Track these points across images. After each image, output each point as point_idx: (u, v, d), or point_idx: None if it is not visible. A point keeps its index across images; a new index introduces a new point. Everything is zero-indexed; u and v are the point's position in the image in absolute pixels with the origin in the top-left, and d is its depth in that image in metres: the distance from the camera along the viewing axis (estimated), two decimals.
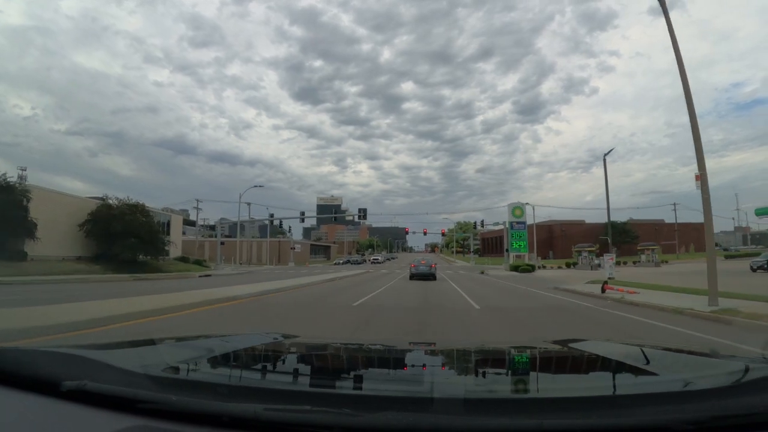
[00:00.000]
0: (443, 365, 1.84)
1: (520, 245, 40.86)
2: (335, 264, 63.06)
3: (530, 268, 33.29)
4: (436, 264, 27.25)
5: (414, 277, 26.01)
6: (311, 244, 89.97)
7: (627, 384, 1.34)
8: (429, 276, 25.86)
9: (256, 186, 45.09)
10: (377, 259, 71.07)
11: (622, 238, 79.17)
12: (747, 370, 1.30)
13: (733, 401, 0.95)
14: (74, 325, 6.88)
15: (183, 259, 44.06)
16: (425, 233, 63.42)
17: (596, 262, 43.03)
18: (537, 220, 65.94)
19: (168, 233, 45.63)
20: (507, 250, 43.43)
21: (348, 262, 65.47)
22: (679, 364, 1.64)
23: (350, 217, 40.25)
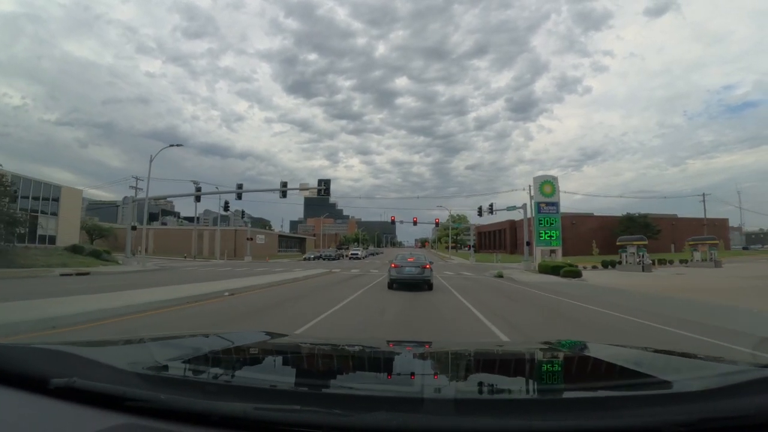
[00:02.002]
0: (434, 366, 1.76)
1: (551, 236, 28.52)
2: (304, 259, 50.36)
3: (576, 271, 21.26)
4: (431, 264, 15.11)
5: (396, 284, 14.17)
6: (279, 236, 76.47)
7: (617, 385, 1.31)
8: (421, 283, 13.97)
9: (172, 145, 32.27)
10: (356, 254, 58.42)
11: (643, 232, 68.75)
12: (736, 372, 1.33)
13: (723, 403, 0.93)
14: None
15: (75, 249, 31.14)
16: (415, 222, 51.45)
17: (648, 260, 31.72)
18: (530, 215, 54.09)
19: (53, 212, 32.75)
20: (528, 244, 31.32)
21: (320, 257, 52.88)
22: (670, 366, 1.61)
23: (306, 193, 27.99)
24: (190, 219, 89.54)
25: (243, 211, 46.77)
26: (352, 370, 1.66)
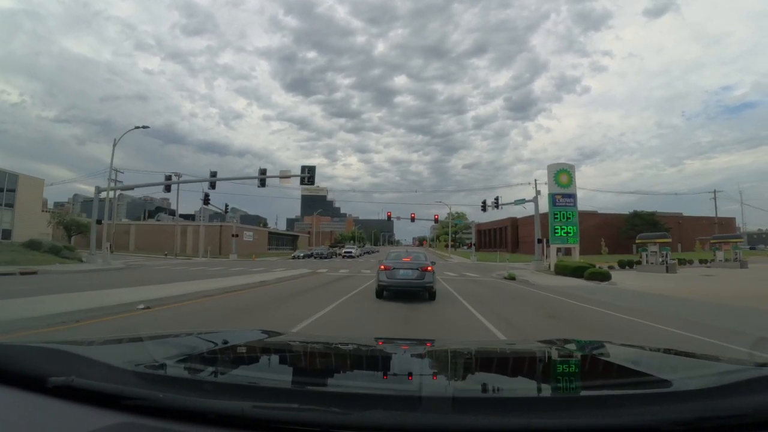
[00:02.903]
0: (433, 364, 1.75)
1: (568, 232, 25.02)
2: (292, 258, 46.65)
3: (604, 273, 17.85)
4: (433, 265, 11.15)
5: (386, 291, 10.78)
6: (269, 232, 72.49)
7: (615, 384, 1.31)
8: (419, 290, 10.50)
9: (137, 127, 28.67)
10: (350, 253, 54.84)
11: (651, 230, 65.60)
12: (734, 371, 1.32)
13: (720, 402, 0.93)
14: None
15: (32, 244, 27.67)
16: (413, 218, 48.10)
17: (672, 260, 28.57)
18: (530, 213, 50.68)
19: (8, 203, 29.28)
20: (540, 241, 27.98)
21: (310, 255, 49.31)
22: (667, 365, 1.60)
23: (289, 181, 24.44)
24: (187, 216, 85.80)
25: (227, 205, 43.08)
26: (350, 369, 1.64)
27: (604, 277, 17.51)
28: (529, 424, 0.85)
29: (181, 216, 79.68)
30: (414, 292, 10.47)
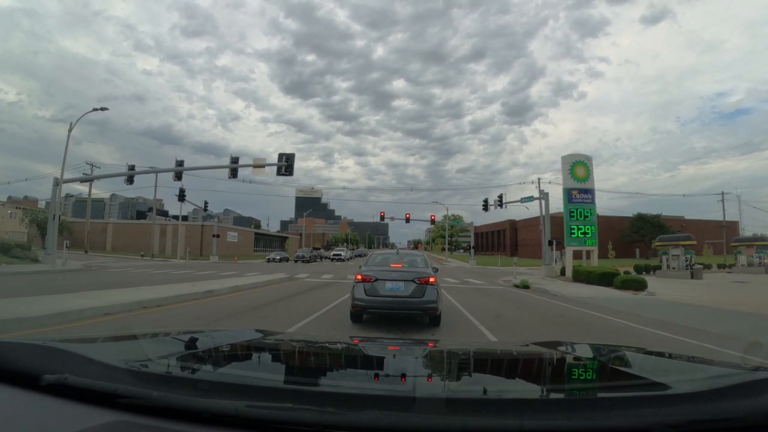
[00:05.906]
0: (428, 365, 1.72)
1: (585, 233, 21.64)
2: (267, 261, 41.41)
3: (640, 281, 14.73)
4: (435, 275, 7.22)
5: (367, 314, 7.19)
6: (256, 233, 68.54)
7: (608, 386, 1.32)
8: (416, 312, 7.00)
9: (95, 109, 25.31)
10: (339, 255, 50.88)
11: (657, 233, 62.86)
12: (727, 375, 1.32)
13: (712, 406, 0.94)
14: None
15: None
16: (408, 219, 45.06)
17: (698, 265, 25.66)
18: (530, 215, 47.29)
19: None
20: (551, 243, 24.83)
21: (287, 259, 44.40)
22: (660, 368, 1.61)
23: (264, 170, 21.43)
24: (178, 217, 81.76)
25: (206, 202, 39.53)
26: (345, 369, 1.64)
27: (639, 285, 14.40)
28: (522, 425, 0.85)
29: (174, 217, 75.79)
30: (407, 315, 7.15)
